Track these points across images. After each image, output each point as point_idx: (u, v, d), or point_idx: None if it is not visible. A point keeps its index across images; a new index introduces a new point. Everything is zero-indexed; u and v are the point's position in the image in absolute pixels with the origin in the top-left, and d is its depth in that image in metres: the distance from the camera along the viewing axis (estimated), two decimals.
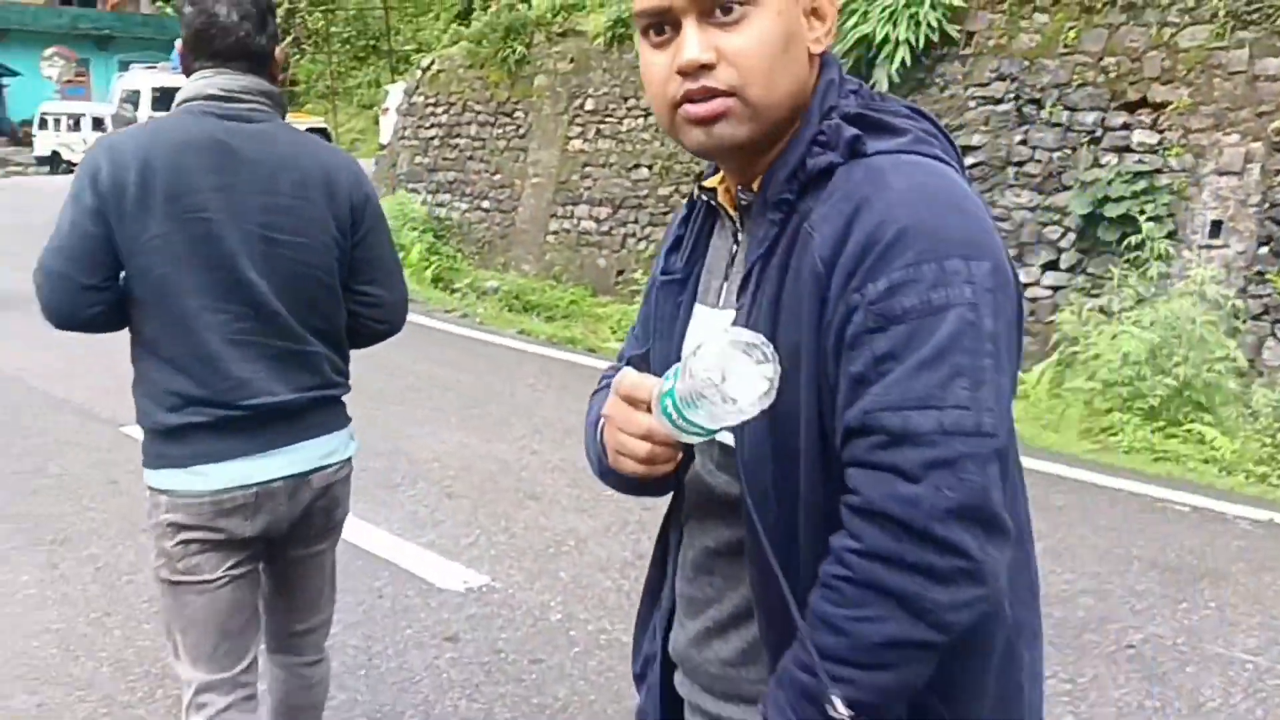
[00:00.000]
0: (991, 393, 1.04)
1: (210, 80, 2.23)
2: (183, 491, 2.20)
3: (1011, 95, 8.54)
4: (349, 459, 2.45)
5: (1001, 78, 8.62)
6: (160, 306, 2.16)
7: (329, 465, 2.37)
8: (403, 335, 2.62)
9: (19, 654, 3.72)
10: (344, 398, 2.43)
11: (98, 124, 25.15)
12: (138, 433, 2.31)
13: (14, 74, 33.66)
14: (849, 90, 1.21)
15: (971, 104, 8.78)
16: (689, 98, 1.14)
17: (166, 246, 2.12)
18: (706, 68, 1.12)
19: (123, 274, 2.17)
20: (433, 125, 14.94)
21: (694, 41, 1.12)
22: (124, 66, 28.87)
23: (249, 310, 2.19)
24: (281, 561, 2.45)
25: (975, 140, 8.69)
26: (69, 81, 32.26)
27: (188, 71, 2.31)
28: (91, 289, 2.14)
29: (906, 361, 1.03)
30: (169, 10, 40.58)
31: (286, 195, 2.22)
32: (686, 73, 1.13)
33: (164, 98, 21.01)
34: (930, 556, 1.01)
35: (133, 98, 22.87)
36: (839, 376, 1.08)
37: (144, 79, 24.22)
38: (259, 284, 2.19)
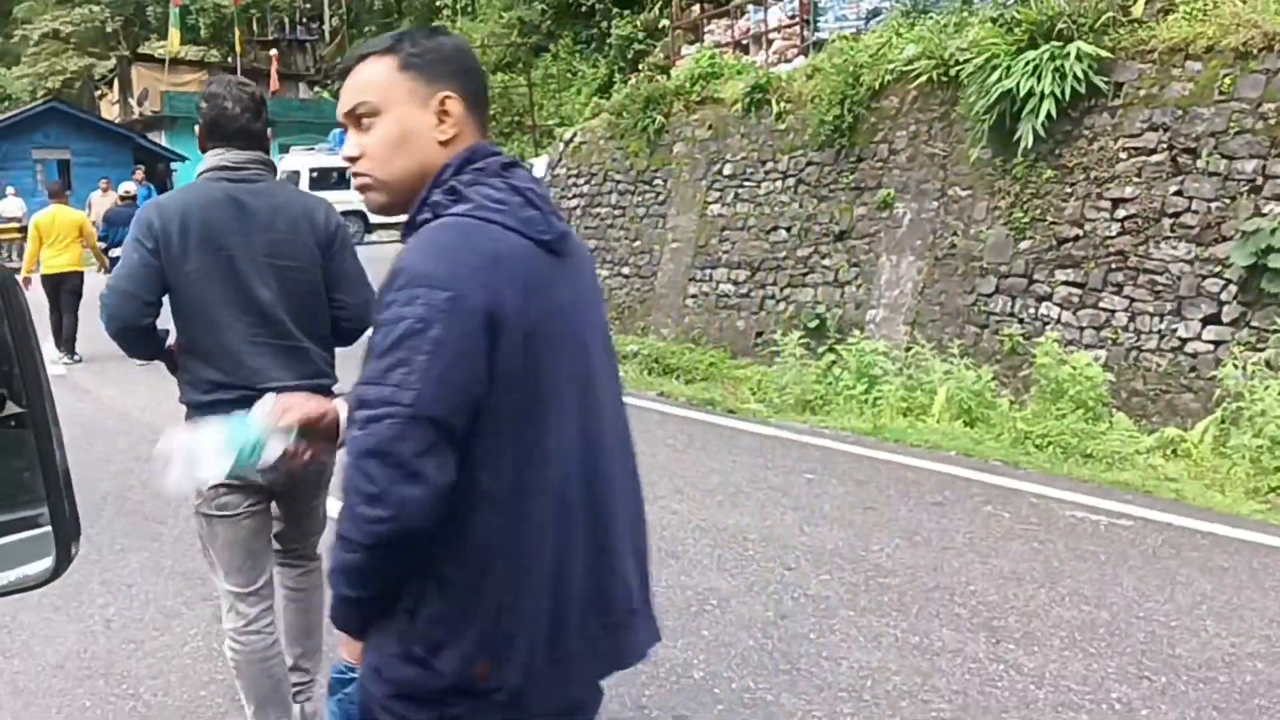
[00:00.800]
0: (421, 378, 1.47)
1: (222, 156, 3.07)
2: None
3: (1164, 145, 8.26)
4: None
5: (1153, 128, 8.35)
6: (197, 318, 3.00)
7: None
8: None
9: (190, 703, 3.87)
10: (334, 388, 3.09)
11: None
12: None
13: (181, 159, 35.81)
14: (474, 168, 1.64)
15: (1123, 155, 8.53)
16: (355, 175, 1.72)
17: (201, 275, 2.96)
18: (355, 159, 1.70)
19: (165, 295, 3.01)
20: (575, 195, 15.28)
21: (349, 143, 1.71)
22: (283, 149, 30.35)
23: (260, 319, 3.01)
24: (285, 509, 3.30)
25: (1128, 192, 8.43)
26: None
27: (204, 149, 3.10)
28: (148, 304, 2.99)
29: (373, 354, 1.52)
30: (326, 95, 42.82)
31: (282, 232, 3.05)
32: (348, 161, 1.72)
33: (321, 177, 22.02)
34: (357, 480, 1.48)
35: (293, 178, 24.03)
36: None
37: (302, 160, 25.44)
38: (267, 299, 3.01)
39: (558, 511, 1.61)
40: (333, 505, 3.01)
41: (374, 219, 25.89)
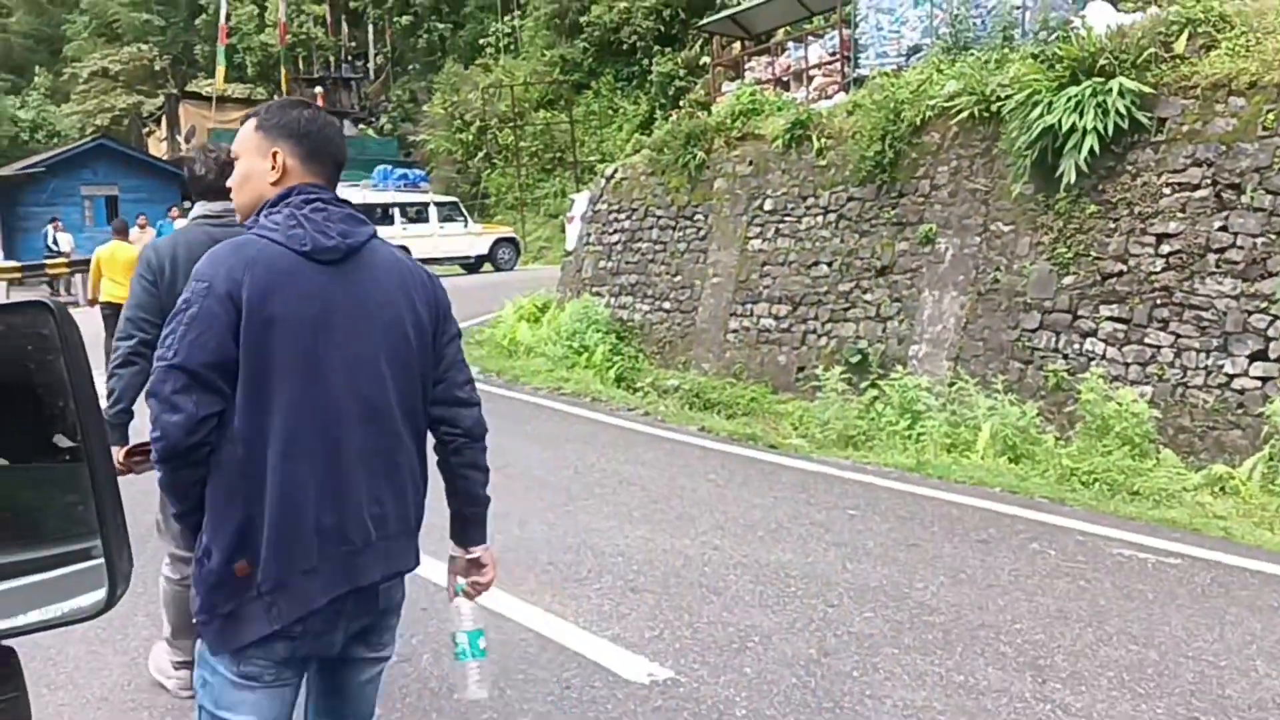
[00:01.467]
0: (178, 341, 2.09)
1: (206, 206, 3.93)
2: None
3: (1209, 181, 8.23)
4: None
5: (1197, 163, 8.32)
6: None
7: None
8: (588, 433, 2.82)
9: None
10: None
11: None
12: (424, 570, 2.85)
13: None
14: (285, 201, 2.27)
15: (1166, 191, 8.50)
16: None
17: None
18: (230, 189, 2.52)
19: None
20: (616, 231, 15.40)
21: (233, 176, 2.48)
22: None
23: None
24: None
25: (1172, 227, 8.40)
26: None
27: (188, 200, 3.72)
28: (152, 325, 3.54)
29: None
30: (369, 133, 43.46)
31: None
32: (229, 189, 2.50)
33: (364, 212, 22.39)
34: (149, 405, 2.16)
35: None
36: None
37: (347, 196, 25.87)
38: None
39: (282, 454, 2.12)
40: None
41: (416, 255, 26.38)
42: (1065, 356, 9.08)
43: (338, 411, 2.20)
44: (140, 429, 2.99)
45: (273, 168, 2.32)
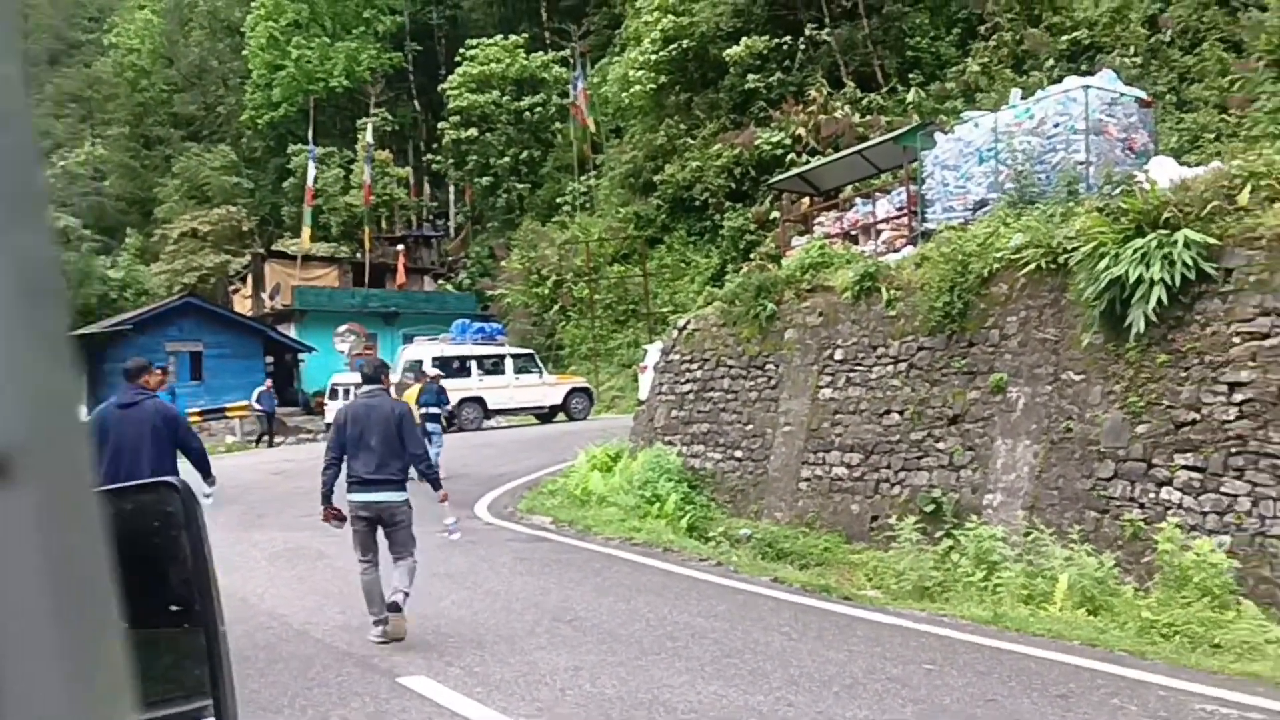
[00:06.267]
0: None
1: (368, 388, 7.84)
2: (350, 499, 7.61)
3: (1278, 329, 8.24)
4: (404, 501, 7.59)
5: (1265, 312, 8.35)
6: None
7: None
8: (661, 584, 2.90)
9: None
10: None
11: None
12: (413, 683, 2.75)
13: (309, 350, 37.45)
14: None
15: (1236, 340, 8.52)
16: None
17: None
18: None
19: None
20: (688, 380, 15.65)
21: None
22: (407, 339, 31.66)
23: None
24: (384, 530, 7.62)
25: (1243, 376, 8.38)
26: (359, 354, 35.52)
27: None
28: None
29: None
30: (448, 288, 44.78)
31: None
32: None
33: (442, 365, 23.00)
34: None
35: (415, 367, 25.05)
36: None
37: (425, 349, 26.56)
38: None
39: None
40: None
41: (492, 406, 26.86)
42: (1141, 506, 8.98)
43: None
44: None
45: None
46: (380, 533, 7.57)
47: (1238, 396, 8.42)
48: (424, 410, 17.04)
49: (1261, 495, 8.11)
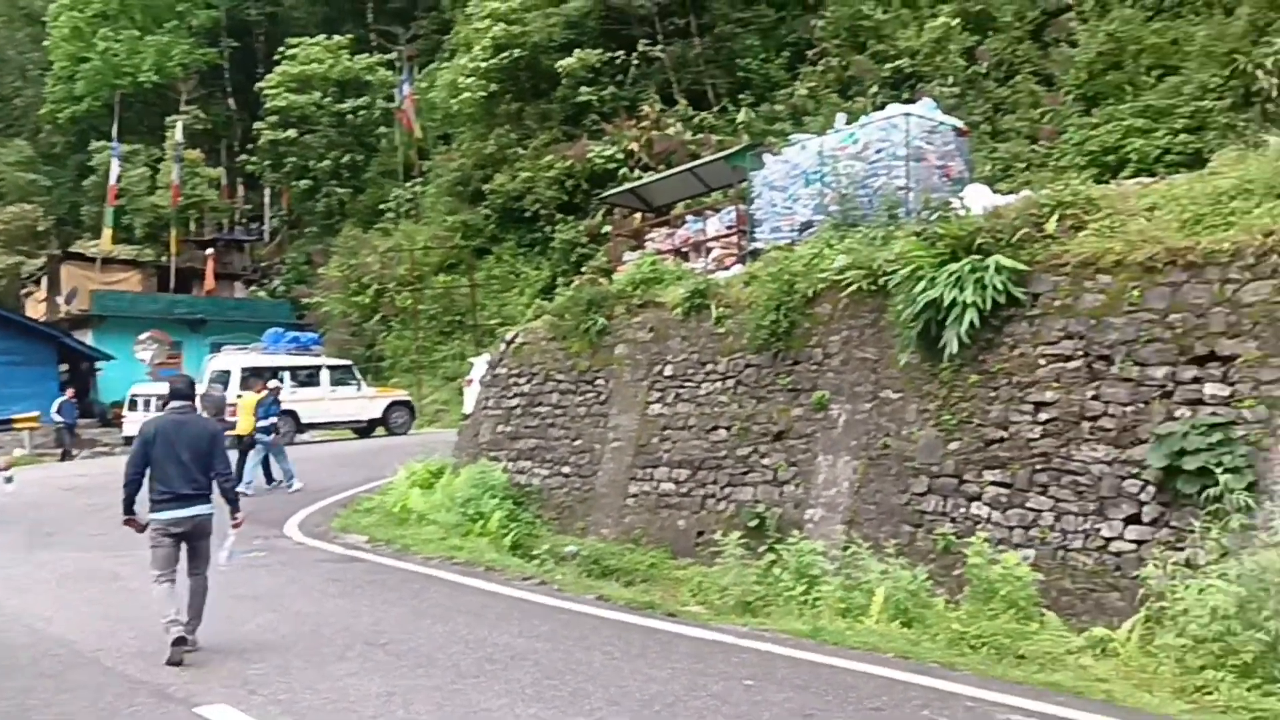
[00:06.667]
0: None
1: (177, 404, 7.94)
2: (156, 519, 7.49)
3: (1081, 352, 8.66)
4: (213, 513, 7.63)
5: (1069, 336, 8.77)
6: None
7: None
8: (481, 604, 2.75)
9: None
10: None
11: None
12: (212, 713, 2.51)
13: (108, 358, 35.38)
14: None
15: (1042, 362, 8.90)
16: None
17: None
18: None
19: None
20: (515, 395, 15.45)
21: None
22: (215, 348, 30.05)
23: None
24: (189, 545, 7.58)
25: (1048, 396, 8.76)
26: (161, 364, 33.47)
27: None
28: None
29: None
30: (261, 294, 43.18)
31: None
32: None
33: (253, 376, 21.78)
34: None
35: (222, 378, 23.88)
36: None
37: (234, 360, 25.26)
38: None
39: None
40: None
41: (305, 419, 25.74)
42: (953, 520, 9.28)
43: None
44: None
45: None
46: (183, 549, 7.53)
47: (1043, 415, 8.80)
48: (264, 422, 17.39)
49: (1064, 510, 8.48)
